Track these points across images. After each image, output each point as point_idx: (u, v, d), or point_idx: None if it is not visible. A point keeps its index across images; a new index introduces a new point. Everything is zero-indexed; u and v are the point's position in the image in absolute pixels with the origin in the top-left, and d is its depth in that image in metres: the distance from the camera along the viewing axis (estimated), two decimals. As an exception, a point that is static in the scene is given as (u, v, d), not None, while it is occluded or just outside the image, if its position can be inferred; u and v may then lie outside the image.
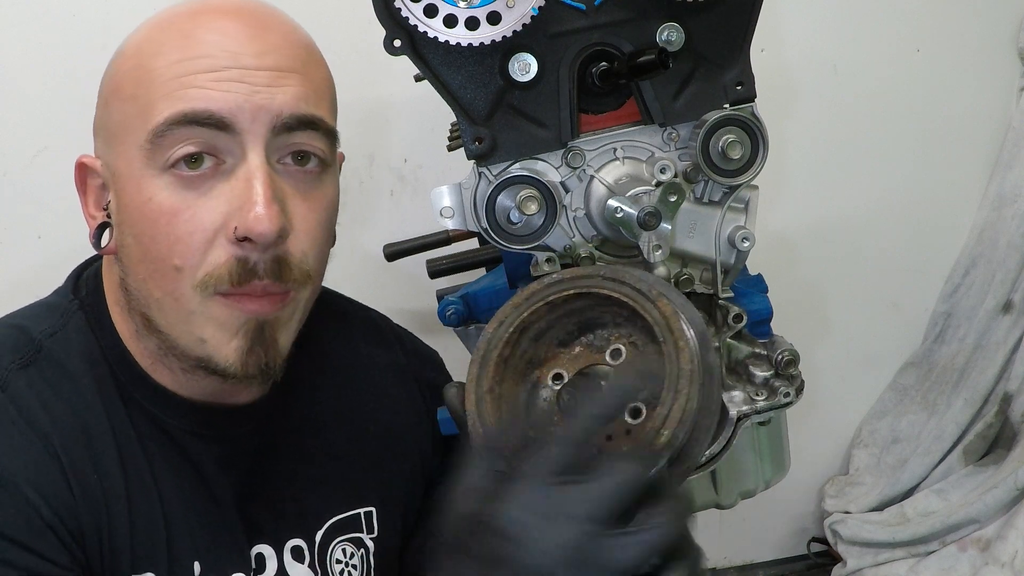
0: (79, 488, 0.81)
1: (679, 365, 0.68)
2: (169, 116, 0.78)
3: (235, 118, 0.78)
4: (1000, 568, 1.68)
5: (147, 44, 0.82)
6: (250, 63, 0.79)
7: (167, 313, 0.82)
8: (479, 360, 0.74)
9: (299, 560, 0.94)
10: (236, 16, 0.82)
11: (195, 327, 0.82)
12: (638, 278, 0.73)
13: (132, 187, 0.81)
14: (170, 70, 0.79)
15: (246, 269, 0.79)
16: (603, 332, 0.77)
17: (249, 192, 0.78)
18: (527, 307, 0.75)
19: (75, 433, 0.82)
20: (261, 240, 0.78)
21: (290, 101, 0.81)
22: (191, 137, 0.78)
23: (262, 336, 0.83)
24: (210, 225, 0.79)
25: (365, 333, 1.09)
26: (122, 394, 0.87)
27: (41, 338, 0.86)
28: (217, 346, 0.82)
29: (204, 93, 0.78)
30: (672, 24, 0.80)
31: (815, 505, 2.05)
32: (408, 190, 1.66)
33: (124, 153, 0.81)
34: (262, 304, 0.82)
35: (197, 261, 0.79)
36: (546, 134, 0.81)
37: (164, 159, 0.79)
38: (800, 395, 0.79)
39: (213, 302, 0.80)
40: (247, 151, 0.79)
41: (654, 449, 0.66)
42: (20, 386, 0.82)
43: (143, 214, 0.80)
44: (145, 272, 0.82)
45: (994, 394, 1.91)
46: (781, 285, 0.98)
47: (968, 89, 1.87)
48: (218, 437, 0.90)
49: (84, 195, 0.88)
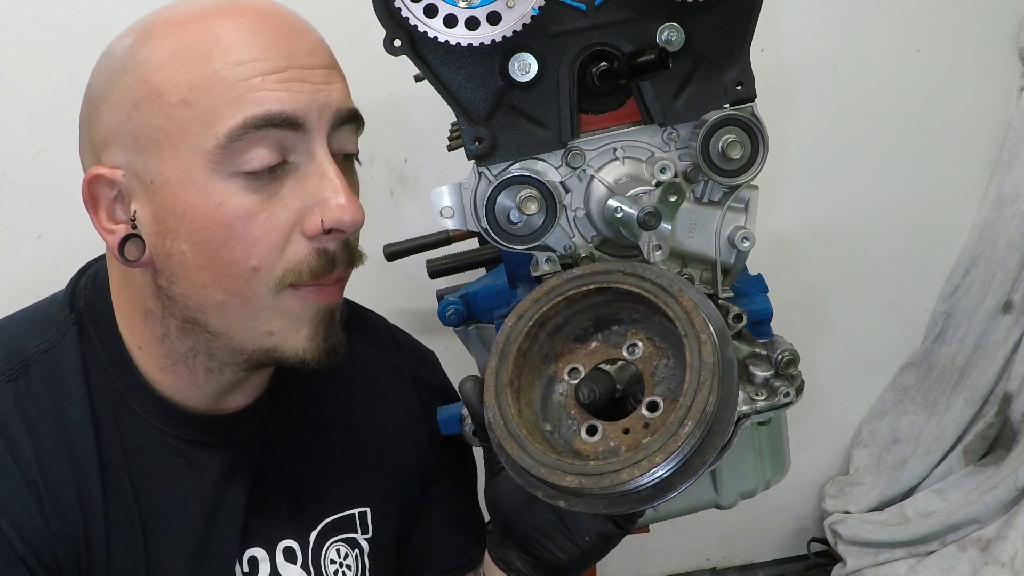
0: (56, 518, 0.81)
1: (701, 358, 0.69)
2: (245, 120, 0.77)
3: (306, 117, 0.79)
4: (1000, 568, 1.68)
5: (186, 47, 0.79)
6: (305, 62, 0.80)
7: (229, 314, 0.82)
8: (498, 353, 0.75)
9: (291, 561, 0.94)
10: (274, 18, 0.82)
11: (262, 322, 0.82)
12: (658, 273, 0.74)
13: (193, 193, 0.79)
14: (230, 73, 0.78)
15: (326, 260, 0.82)
16: (619, 328, 0.77)
17: (328, 186, 0.80)
18: (547, 301, 0.76)
19: (58, 456, 0.82)
20: (350, 229, 0.81)
21: (342, 96, 0.83)
22: (264, 139, 0.78)
23: (333, 322, 0.86)
24: (286, 223, 0.80)
25: (361, 333, 1.09)
26: (118, 409, 0.86)
27: (34, 353, 0.85)
28: (285, 336, 0.83)
29: (275, 95, 0.78)
30: (672, 24, 0.80)
31: (815, 505, 2.05)
32: (408, 190, 1.66)
33: (173, 160, 0.79)
34: (333, 293, 0.84)
35: (276, 259, 0.80)
36: (546, 134, 0.81)
37: (236, 164, 0.78)
38: (800, 395, 0.79)
39: (284, 295, 0.81)
40: (314, 147, 0.81)
41: (678, 440, 0.66)
42: (7, 403, 0.82)
43: (212, 219, 0.79)
44: (208, 277, 0.80)
45: (994, 394, 1.91)
46: (781, 285, 0.98)
47: (968, 89, 1.87)
48: (222, 443, 0.90)
49: (95, 210, 0.84)
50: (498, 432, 0.72)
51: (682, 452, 0.67)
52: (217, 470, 0.89)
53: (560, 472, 0.68)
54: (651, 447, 0.67)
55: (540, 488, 0.71)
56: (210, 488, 0.89)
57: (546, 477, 0.69)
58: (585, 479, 0.68)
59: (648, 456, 0.67)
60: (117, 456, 0.85)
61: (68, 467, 0.82)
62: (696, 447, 0.68)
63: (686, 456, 0.68)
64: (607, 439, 0.73)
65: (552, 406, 0.76)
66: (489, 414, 0.73)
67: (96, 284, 0.90)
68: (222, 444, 0.90)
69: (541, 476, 0.69)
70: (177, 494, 0.87)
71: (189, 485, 0.88)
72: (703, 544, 2.06)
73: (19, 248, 1.49)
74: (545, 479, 0.69)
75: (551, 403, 0.76)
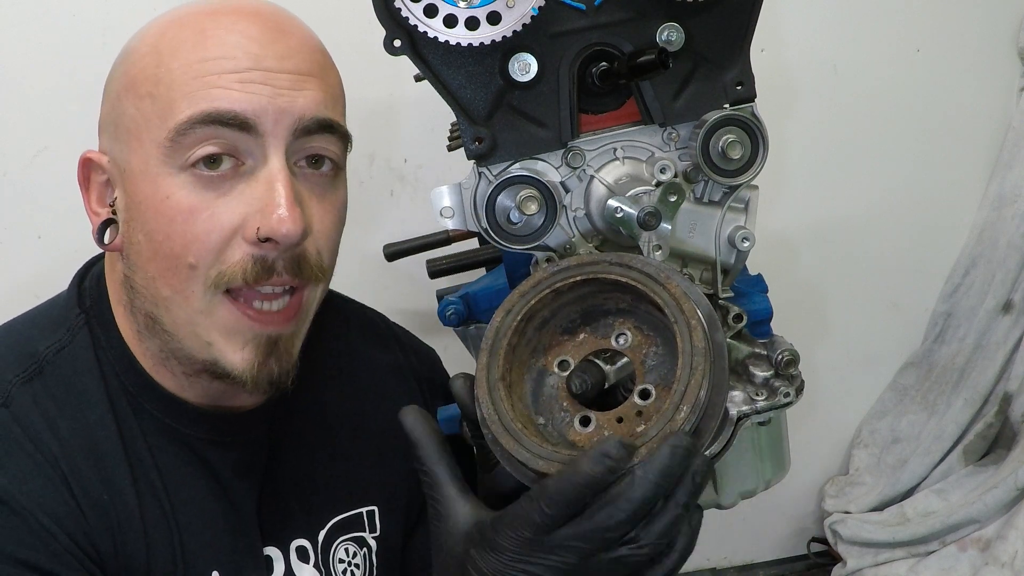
0: (91, 511, 0.81)
1: (692, 343, 0.69)
2: (192, 115, 0.78)
3: (258, 120, 0.79)
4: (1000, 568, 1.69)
5: (165, 42, 0.81)
6: (272, 65, 0.80)
7: (174, 312, 0.82)
8: (488, 349, 0.75)
9: (304, 560, 0.94)
10: (256, 18, 0.82)
11: (201, 329, 0.82)
12: (645, 262, 0.74)
13: (147, 184, 0.80)
14: (191, 69, 0.79)
15: (264, 267, 0.80)
16: (607, 319, 0.77)
17: (272, 194, 0.79)
18: (534, 295, 0.76)
19: (83, 453, 0.82)
20: (285, 241, 0.79)
21: (311, 105, 0.81)
22: (213, 137, 0.78)
23: (276, 349, 0.84)
24: (228, 224, 0.79)
25: (364, 332, 1.09)
26: (133, 407, 0.86)
27: (48, 354, 0.85)
28: (223, 351, 0.82)
29: (228, 94, 0.78)
30: (672, 24, 0.80)
31: (815, 505, 2.05)
32: (408, 190, 1.66)
33: (138, 150, 0.81)
34: (276, 320, 0.83)
35: (212, 259, 0.80)
36: (546, 134, 0.81)
37: (184, 158, 0.79)
38: (800, 395, 0.79)
39: (220, 302, 0.81)
40: (268, 153, 0.80)
41: (673, 426, 0.66)
42: (25, 402, 0.82)
43: (159, 212, 0.80)
44: (155, 270, 0.81)
45: (994, 394, 1.91)
46: (781, 285, 0.98)
47: (968, 89, 1.87)
48: (234, 443, 0.90)
49: (87, 191, 0.87)
50: (493, 427, 0.72)
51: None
52: (229, 469, 0.89)
53: (558, 463, 0.68)
54: (648, 433, 0.67)
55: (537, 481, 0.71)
56: (223, 486, 0.89)
57: (544, 470, 0.69)
58: None
59: (646, 443, 0.67)
60: (143, 452, 0.85)
61: (94, 464, 0.82)
62: (692, 431, 0.68)
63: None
64: (601, 429, 0.73)
65: (544, 399, 0.76)
66: (483, 410, 0.73)
67: (100, 282, 0.91)
68: (233, 443, 0.90)
69: (539, 469, 0.69)
70: (196, 491, 0.88)
71: (205, 482, 0.88)
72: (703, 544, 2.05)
73: (19, 248, 1.49)
74: (542, 471, 0.69)
75: (542, 396, 0.76)
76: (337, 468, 0.99)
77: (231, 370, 0.82)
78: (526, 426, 0.72)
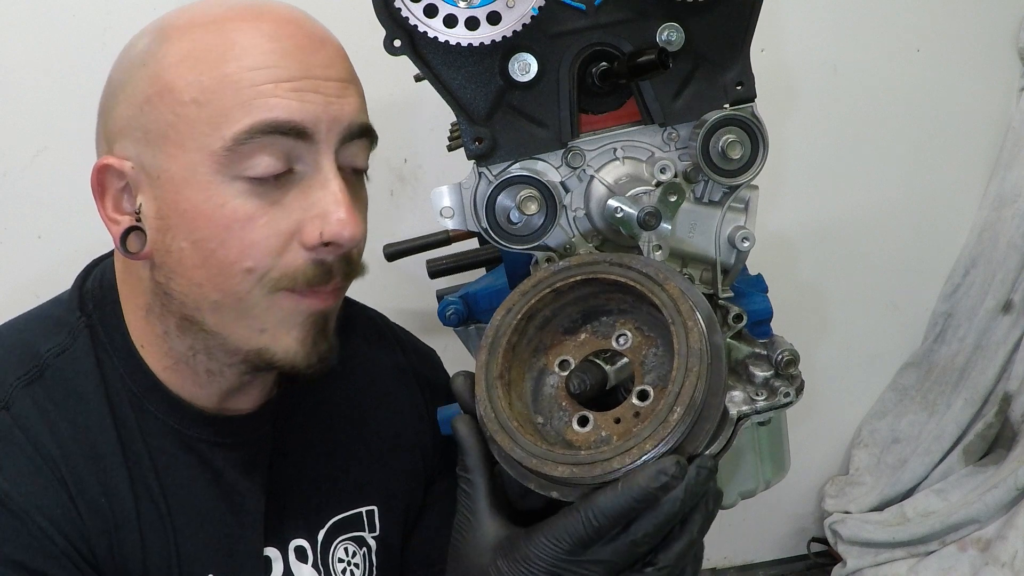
0: (89, 514, 0.81)
1: (688, 344, 0.69)
2: (253, 125, 0.77)
3: (315, 128, 0.79)
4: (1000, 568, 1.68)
5: (204, 49, 0.80)
6: (320, 74, 0.81)
7: (223, 313, 0.82)
8: (488, 347, 0.75)
9: (303, 560, 0.94)
10: (294, 25, 0.82)
11: (255, 320, 0.82)
12: (644, 263, 0.74)
13: (195, 192, 0.79)
14: (244, 77, 0.78)
15: (323, 271, 0.82)
16: (608, 319, 0.78)
17: (330, 199, 0.80)
18: (534, 294, 0.76)
19: (82, 456, 0.82)
20: (348, 244, 0.81)
21: (355, 111, 0.83)
22: (270, 146, 0.78)
23: (324, 328, 0.85)
24: (286, 230, 0.80)
25: (365, 332, 1.09)
26: (136, 409, 0.86)
27: (48, 356, 0.85)
28: (276, 336, 0.83)
29: (285, 103, 0.78)
30: (672, 24, 0.80)
31: (815, 505, 2.05)
32: (408, 190, 1.66)
33: (180, 157, 0.79)
34: (327, 299, 0.84)
35: (270, 264, 0.80)
36: (546, 134, 0.81)
37: (241, 168, 0.78)
38: (800, 395, 0.79)
39: (278, 297, 0.81)
40: (321, 160, 0.81)
41: (667, 427, 0.67)
42: (25, 405, 0.82)
43: (212, 219, 0.79)
44: (204, 276, 0.81)
45: (994, 394, 1.91)
46: (781, 285, 0.98)
47: (968, 89, 1.87)
48: (238, 444, 0.90)
49: (101, 199, 0.85)
50: (489, 425, 0.72)
51: (672, 438, 0.67)
52: (233, 470, 0.89)
53: (552, 462, 0.69)
54: (641, 434, 0.68)
55: (533, 480, 0.72)
56: (227, 488, 0.89)
57: (538, 468, 0.69)
58: (576, 468, 0.68)
59: (638, 443, 0.67)
60: (142, 455, 0.85)
61: (92, 467, 0.82)
62: (686, 433, 0.68)
63: (677, 442, 0.68)
64: (598, 429, 0.73)
65: (543, 398, 0.76)
66: (480, 407, 0.73)
67: (104, 284, 0.90)
68: (237, 444, 0.90)
69: (533, 467, 0.69)
70: (196, 493, 0.88)
71: (207, 484, 0.88)
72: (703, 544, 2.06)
73: (19, 248, 1.49)
74: (537, 470, 0.69)
75: (542, 396, 0.77)
76: (337, 467, 0.99)
77: (281, 353, 0.83)
78: (523, 424, 0.72)
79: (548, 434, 0.74)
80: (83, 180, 0.86)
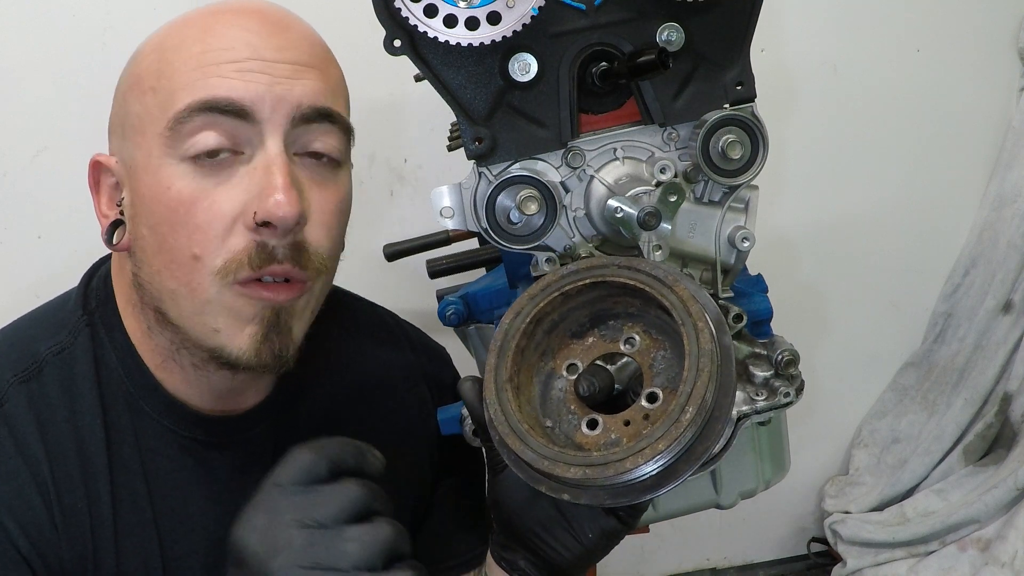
0: (64, 519, 0.81)
1: (699, 345, 0.69)
2: (191, 103, 0.78)
3: (256, 107, 0.79)
4: (1000, 568, 1.69)
5: (168, 40, 0.83)
6: (270, 56, 0.80)
7: (181, 304, 0.82)
8: (497, 351, 0.75)
9: None
10: (257, 14, 0.83)
11: (209, 317, 0.82)
12: (653, 265, 0.74)
13: (150, 177, 0.81)
14: (191, 61, 0.80)
15: (266, 253, 0.80)
16: (616, 323, 0.77)
17: (269, 179, 0.79)
18: (543, 297, 0.76)
19: (70, 457, 0.82)
20: (282, 224, 0.79)
21: (309, 93, 0.82)
22: (211, 125, 0.78)
23: (277, 324, 0.83)
24: (229, 212, 0.79)
25: (374, 331, 1.09)
26: (132, 409, 0.86)
27: (47, 355, 0.85)
28: (231, 335, 0.82)
29: (226, 82, 0.78)
30: (672, 24, 0.80)
31: (815, 505, 2.05)
32: (408, 190, 1.66)
33: (142, 144, 0.81)
34: (278, 292, 0.82)
35: (216, 249, 0.80)
36: (546, 134, 0.81)
37: (184, 148, 0.79)
38: (800, 395, 0.79)
39: (230, 291, 0.81)
40: (266, 140, 0.80)
41: (680, 427, 0.66)
42: (19, 403, 0.82)
43: (161, 203, 0.80)
44: (161, 263, 0.81)
45: (994, 394, 1.91)
46: (781, 285, 0.98)
47: (968, 89, 1.88)
48: (233, 443, 0.90)
49: (97, 194, 0.87)
50: (500, 428, 0.72)
51: (685, 438, 0.67)
52: (228, 471, 0.89)
53: (564, 464, 0.68)
54: (654, 434, 0.67)
55: (543, 482, 0.71)
56: (221, 488, 0.89)
57: (550, 470, 0.69)
58: (589, 470, 0.68)
59: (651, 444, 0.67)
60: (131, 459, 0.85)
61: (77, 469, 0.82)
62: (698, 433, 0.68)
63: (689, 442, 0.68)
64: (608, 432, 0.73)
65: (551, 402, 0.76)
66: (490, 411, 0.73)
67: (107, 283, 0.91)
68: (233, 444, 0.90)
69: (544, 470, 0.69)
70: (189, 495, 0.87)
71: (201, 486, 0.88)
72: (703, 544, 2.06)
73: (19, 248, 1.49)
74: (549, 472, 0.69)
75: (550, 399, 0.76)
76: None
77: (235, 351, 0.82)
78: (533, 428, 0.72)
79: (557, 437, 0.74)
80: (83, 180, 0.88)
